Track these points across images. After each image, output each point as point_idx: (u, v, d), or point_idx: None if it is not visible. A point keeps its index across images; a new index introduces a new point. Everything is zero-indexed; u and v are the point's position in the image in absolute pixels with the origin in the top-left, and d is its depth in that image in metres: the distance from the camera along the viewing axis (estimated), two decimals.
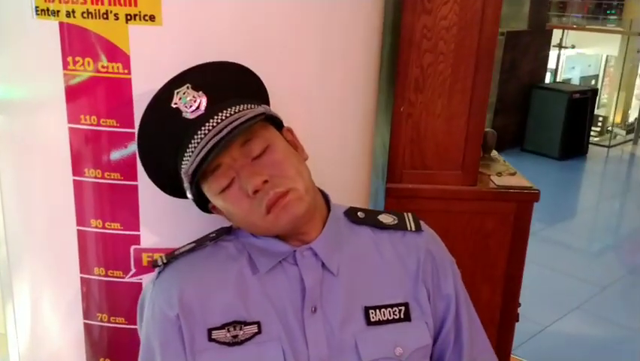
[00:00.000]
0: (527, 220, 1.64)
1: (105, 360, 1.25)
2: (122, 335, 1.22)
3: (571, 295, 3.26)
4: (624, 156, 6.62)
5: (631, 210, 5.07)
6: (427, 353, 0.97)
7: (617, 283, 3.49)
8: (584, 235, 4.41)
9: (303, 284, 0.93)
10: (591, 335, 2.89)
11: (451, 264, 1.03)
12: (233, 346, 0.89)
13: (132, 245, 1.17)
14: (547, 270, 3.57)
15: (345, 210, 1.03)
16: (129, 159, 1.10)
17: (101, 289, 1.21)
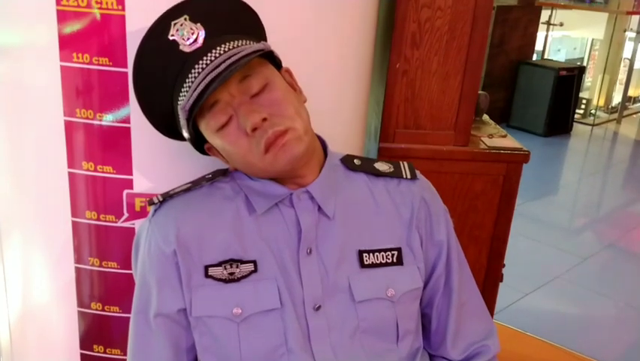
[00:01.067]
0: (516, 182, 1.66)
1: (97, 305, 1.25)
2: (114, 279, 1.22)
3: (552, 265, 3.32)
4: (607, 135, 6.69)
5: (612, 187, 5.15)
6: (417, 296, 0.98)
7: (597, 256, 3.55)
8: (565, 210, 4.47)
9: (299, 226, 0.93)
10: (571, 303, 2.95)
11: (444, 212, 1.04)
12: (230, 283, 0.89)
13: (125, 189, 1.16)
14: (528, 241, 3.63)
15: (342, 158, 1.03)
16: (122, 97, 1.09)
17: (92, 234, 1.21)
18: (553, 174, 5.29)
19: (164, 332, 0.91)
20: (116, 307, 1.24)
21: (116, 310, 1.24)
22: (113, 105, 1.11)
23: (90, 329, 1.28)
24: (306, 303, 0.91)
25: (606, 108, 7.02)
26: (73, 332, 1.29)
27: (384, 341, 0.94)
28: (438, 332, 1.02)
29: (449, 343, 1.00)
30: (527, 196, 4.43)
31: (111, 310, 1.24)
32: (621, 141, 6.57)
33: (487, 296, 1.80)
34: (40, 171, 1.21)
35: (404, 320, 0.96)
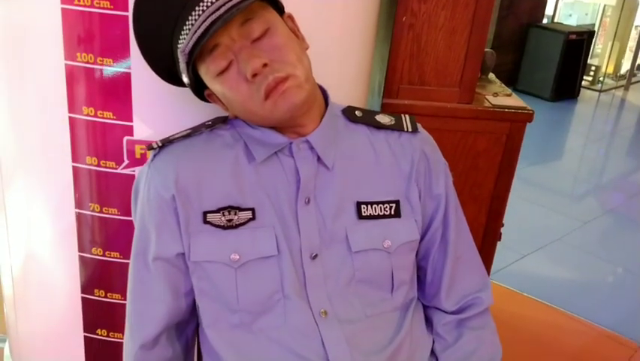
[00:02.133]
0: (519, 141, 1.65)
1: (97, 250, 1.26)
2: (115, 225, 1.23)
3: (551, 228, 3.33)
4: (615, 101, 6.62)
5: (617, 154, 5.12)
6: (413, 248, 0.99)
7: (597, 220, 3.56)
8: (569, 175, 4.46)
9: (298, 176, 0.93)
10: (569, 267, 2.97)
11: (444, 166, 1.04)
12: (228, 229, 0.90)
13: (125, 136, 1.16)
14: (529, 205, 3.64)
15: (343, 109, 1.02)
16: (122, 42, 1.08)
17: (92, 180, 1.21)
18: (559, 139, 5.27)
19: (163, 275, 0.92)
20: (116, 253, 1.25)
21: (117, 256, 1.26)
22: (114, 50, 1.10)
23: (91, 274, 1.30)
24: (303, 252, 0.92)
25: (615, 76, 6.93)
26: (75, 277, 1.31)
27: (379, 290, 0.96)
28: (433, 283, 1.03)
29: (443, 294, 1.01)
30: (531, 160, 4.42)
31: (112, 255, 1.26)
32: (628, 107, 6.51)
33: (485, 255, 1.82)
34: (41, 116, 1.20)
35: (399, 270, 0.97)
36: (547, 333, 2.33)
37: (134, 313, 0.95)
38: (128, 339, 0.97)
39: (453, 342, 1.00)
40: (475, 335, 1.00)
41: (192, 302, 0.96)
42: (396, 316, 0.97)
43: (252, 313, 0.91)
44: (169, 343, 0.97)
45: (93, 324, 1.34)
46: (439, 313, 1.03)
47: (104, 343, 1.35)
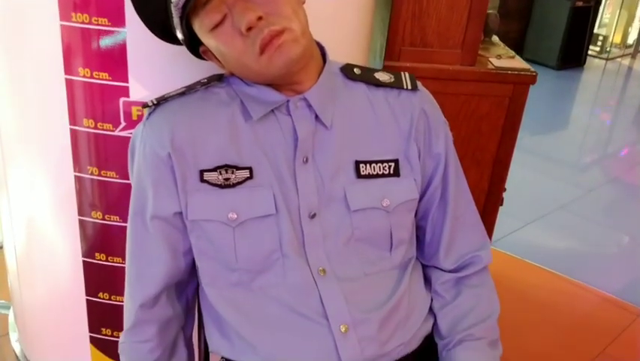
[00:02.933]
0: (522, 104, 1.62)
1: (97, 213, 1.26)
2: (113, 189, 1.23)
3: (555, 196, 3.32)
4: (621, 70, 6.55)
5: (622, 123, 5.08)
6: (412, 207, 0.98)
7: (602, 189, 3.54)
8: (574, 144, 4.43)
9: (295, 135, 0.92)
10: (573, 233, 2.96)
11: (444, 125, 1.02)
12: (225, 188, 0.89)
13: (121, 97, 1.15)
14: (533, 173, 3.62)
15: (342, 66, 1.00)
16: (117, 2, 1.06)
17: (90, 143, 1.20)
18: (564, 107, 5.22)
19: (161, 234, 0.91)
20: (116, 217, 1.25)
21: (116, 220, 1.25)
22: (109, 10, 1.08)
23: (91, 238, 1.30)
24: (301, 211, 0.91)
25: (622, 45, 6.83)
26: (75, 241, 1.31)
27: (377, 249, 0.95)
28: (432, 243, 1.02)
29: (442, 254, 1.01)
30: (536, 129, 4.39)
31: (111, 219, 1.26)
32: (635, 76, 6.43)
33: (487, 220, 1.81)
34: (37, 78, 1.19)
35: (398, 229, 0.96)
36: (549, 298, 2.34)
37: (133, 273, 0.95)
38: (128, 299, 0.97)
39: (451, 300, 1.00)
40: (474, 293, 1.00)
41: (191, 262, 0.95)
42: (395, 274, 0.97)
43: (250, 271, 0.91)
44: (169, 302, 0.97)
45: (95, 288, 1.35)
46: (437, 271, 1.02)
47: (106, 306, 1.36)
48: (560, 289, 2.42)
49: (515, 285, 2.38)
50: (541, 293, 2.36)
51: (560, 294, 2.38)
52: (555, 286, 2.44)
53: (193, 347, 1.07)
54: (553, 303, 2.31)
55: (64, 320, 1.45)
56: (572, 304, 2.33)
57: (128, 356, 1.00)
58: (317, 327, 0.89)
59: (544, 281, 2.46)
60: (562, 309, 2.28)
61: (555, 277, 2.49)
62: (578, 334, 2.14)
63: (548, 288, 2.41)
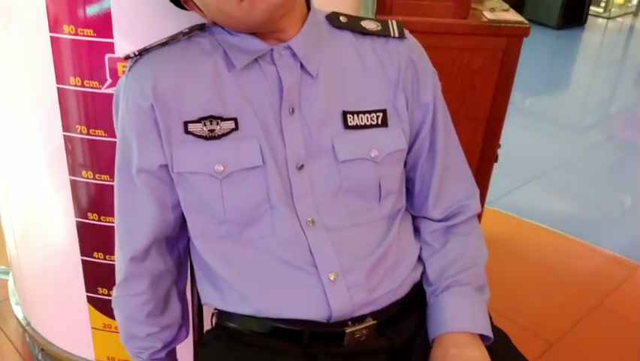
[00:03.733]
0: (516, 57, 1.60)
1: (88, 173, 1.26)
2: (102, 148, 1.23)
3: (555, 155, 3.30)
4: (623, 29, 6.45)
5: (624, 83, 5.03)
6: (401, 158, 0.98)
7: (602, 148, 3.53)
8: (575, 105, 4.39)
9: (281, 84, 0.91)
10: (572, 192, 2.96)
11: (432, 74, 1.01)
12: (210, 140, 0.88)
13: (107, 54, 1.14)
14: (533, 134, 3.60)
15: (327, 15, 0.99)
16: None
17: (78, 101, 1.20)
18: (565, 67, 5.16)
19: (148, 188, 0.91)
20: (106, 176, 1.25)
21: (107, 179, 1.25)
22: None
23: (83, 198, 1.30)
24: (289, 162, 0.91)
25: (624, 4, 6.72)
26: (68, 201, 1.32)
27: (366, 200, 0.95)
28: (421, 194, 1.02)
29: (431, 204, 1.01)
30: (536, 90, 4.36)
31: (102, 178, 1.26)
32: (637, 35, 6.34)
33: (482, 176, 1.81)
34: (23, 37, 1.18)
35: (387, 180, 0.96)
36: (546, 255, 2.35)
37: (122, 227, 0.95)
38: (119, 253, 0.97)
39: (439, 248, 1.00)
40: (462, 241, 1.00)
41: (181, 216, 0.95)
42: (384, 224, 0.97)
43: (239, 223, 0.91)
44: (160, 256, 0.98)
45: (89, 248, 1.36)
46: (426, 221, 1.02)
47: (101, 266, 1.37)
48: (558, 246, 2.43)
49: (512, 243, 2.39)
50: (537, 250, 2.37)
51: (557, 251, 2.39)
52: (552, 243, 2.45)
53: (187, 301, 1.08)
54: (550, 259, 2.32)
55: (61, 281, 1.47)
56: (569, 260, 2.34)
57: (121, 310, 1.01)
58: (306, 276, 0.89)
59: (542, 239, 2.47)
60: (559, 265, 2.29)
61: (552, 235, 2.50)
62: (575, 289, 2.16)
63: (545, 245, 2.42)
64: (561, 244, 2.43)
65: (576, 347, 1.86)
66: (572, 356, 1.83)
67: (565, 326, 1.95)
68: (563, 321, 1.97)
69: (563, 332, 1.92)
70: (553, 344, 1.86)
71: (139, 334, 1.01)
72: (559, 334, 1.90)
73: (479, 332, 0.92)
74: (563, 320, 1.97)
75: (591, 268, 2.30)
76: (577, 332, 1.93)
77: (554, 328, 1.93)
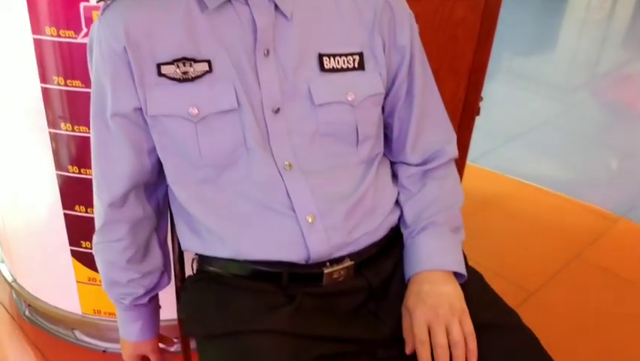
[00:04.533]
0: (497, 6, 1.59)
1: (66, 125, 1.26)
2: (80, 99, 1.22)
3: (540, 113, 3.32)
4: None
5: (613, 43, 5.02)
6: (378, 102, 0.98)
7: (589, 107, 3.54)
8: (562, 66, 4.39)
9: (254, 25, 0.90)
10: (555, 149, 2.98)
11: (409, 17, 1.00)
12: (184, 82, 0.88)
13: (82, 2, 1.12)
14: (519, 92, 3.61)
15: None
16: None
17: (55, 51, 1.18)
18: (553, 28, 5.14)
19: (122, 132, 0.91)
20: (85, 128, 1.25)
21: (85, 131, 1.25)
22: None
23: (63, 151, 1.30)
24: (264, 105, 0.91)
25: None
26: (48, 154, 1.31)
27: (343, 144, 0.95)
28: (399, 139, 1.03)
29: (409, 148, 1.01)
30: (523, 50, 4.35)
31: (81, 130, 1.25)
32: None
33: (464, 129, 1.82)
34: None
35: (364, 124, 0.96)
36: (526, 209, 2.39)
37: (99, 173, 0.96)
38: (97, 200, 0.98)
39: (417, 192, 1.01)
40: (438, 185, 1.01)
41: (157, 162, 0.95)
42: (361, 168, 0.97)
43: (216, 167, 0.91)
44: (138, 202, 0.98)
45: (71, 201, 1.36)
46: (404, 166, 1.03)
47: (83, 219, 1.37)
48: (539, 200, 2.46)
49: (495, 199, 2.42)
50: (519, 205, 2.41)
51: (538, 205, 2.43)
52: (534, 198, 2.48)
53: (168, 250, 1.09)
54: (531, 213, 2.36)
55: (45, 236, 1.47)
56: (550, 213, 2.38)
57: (102, 257, 1.02)
58: (284, 219, 0.90)
59: (523, 194, 2.50)
60: (540, 218, 2.33)
61: (535, 190, 2.53)
62: (555, 241, 2.20)
63: (527, 200, 2.46)
64: (543, 199, 2.47)
65: (555, 297, 1.91)
66: (551, 304, 1.87)
67: (544, 276, 1.99)
68: (543, 272, 2.01)
69: (542, 282, 1.96)
70: (532, 293, 1.90)
71: (120, 280, 1.02)
72: (538, 284, 1.95)
73: (453, 269, 0.94)
74: (543, 271, 2.01)
75: (571, 221, 2.33)
76: (556, 282, 1.98)
77: (534, 278, 1.97)
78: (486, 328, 0.89)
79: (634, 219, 2.33)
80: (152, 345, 1.10)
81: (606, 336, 1.77)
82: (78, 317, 1.55)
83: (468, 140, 1.83)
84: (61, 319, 1.59)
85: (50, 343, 1.64)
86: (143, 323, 1.08)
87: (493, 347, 0.89)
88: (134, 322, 1.07)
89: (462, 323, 0.88)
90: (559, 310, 1.85)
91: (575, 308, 1.88)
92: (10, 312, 1.75)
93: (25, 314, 1.72)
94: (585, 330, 1.78)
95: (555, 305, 1.87)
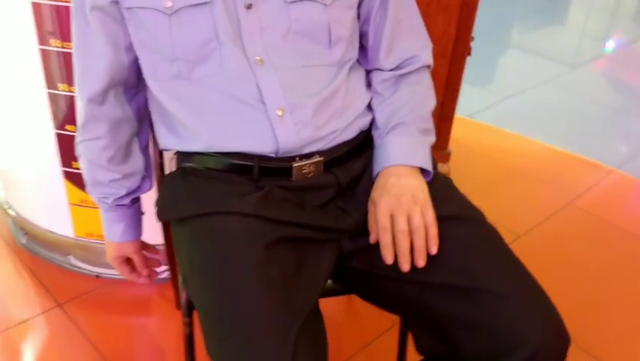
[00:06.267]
0: None
1: (56, 42, 1.29)
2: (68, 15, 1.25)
3: (543, 71, 3.29)
4: None
5: (624, 18, 4.95)
6: (351, 5, 0.99)
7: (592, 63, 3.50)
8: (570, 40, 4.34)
9: None
10: (558, 105, 2.97)
11: None
12: None
13: None
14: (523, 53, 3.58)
15: None
16: None
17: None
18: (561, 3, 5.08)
19: (101, 27, 0.93)
20: None
21: None
22: None
23: (53, 68, 1.33)
24: (237, 1, 0.93)
25: None
26: (38, 72, 1.35)
27: (316, 44, 0.97)
28: (374, 47, 1.04)
29: (382, 55, 1.03)
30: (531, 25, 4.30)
31: (70, 47, 1.28)
32: None
33: (455, 70, 1.83)
34: None
35: (337, 25, 0.98)
36: (520, 159, 2.40)
37: (79, 69, 0.99)
38: (78, 97, 1.01)
39: (389, 96, 1.02)
40: (411, 90, 1.03)
41: (135, 60, 0.98)
42: (333, 70, 0.99)
43: (188, 61, 0.94)
44: (118, 103, 1.02)
45: (62, 121, 1.40)
46: (378, 72, 1.05)
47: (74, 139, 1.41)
48: (533, 151, 2.47)
49: (490, 152, 2.43)
50: (512, 155, 2.42)
51: (532, 155, 2.44)
52: (528, 149, 2.49)
53: (150, 157, 1.13)
54: (524, 163, 2.37)
55: (37, 158, 1.51)
56: (544, 164, 2.39)
57: (85, 156, 1.06)
58: (254, 112, 0.93)
59: (518, 146, 2.51)
60: (533, 168, 2.34)
61: (529, 142, 2.54)
62: (547, 188, 2.21)
63: (520, 151, 2.47)
64: (537, 150, 2.48)
65: (544, 241, 1.93)
66: (539, 247, 1.89)
67: (534, 220, 2.01)
68: (533, 217, 2.02)
69: (531, 226, 1.98)
70: (520, 236, 1.92)
71: (102, 180, 1.06)
72: (527, 227, 1.96)
73: (419, 165, 0.96)
74: (533, 216, 2.03)
75: (564, 171, 2.34)
76: (545, 226, 1.99)
77: (523, 222, 1.99)
78: (448, 220, 0.92)
79: (627, 172, 2.34)
80: (134, 246, 1.15)
81: (592, 281, 1.79)
82: (72, 241, 1.59)
83: (459, 79, 1.84)
84: (55, 244, 1.64)
85: (46, 269, 1.70)
86: (126, 224, 1.12)
87: (454, 237, 0.91)
88: (117, 223, 1.11)
89: (424, 213, 0.90)
90: (546, 253, 1.86)
91: (563, 253, 1.89)
92: (8, 242, 1.81)
93: (22, 242, 1.77)
94: (572, 274, 1.80)
95: (543, 248, 1.89)
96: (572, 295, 1.69)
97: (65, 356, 1.47)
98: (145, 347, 1.53)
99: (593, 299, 1.71)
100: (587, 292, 1.73)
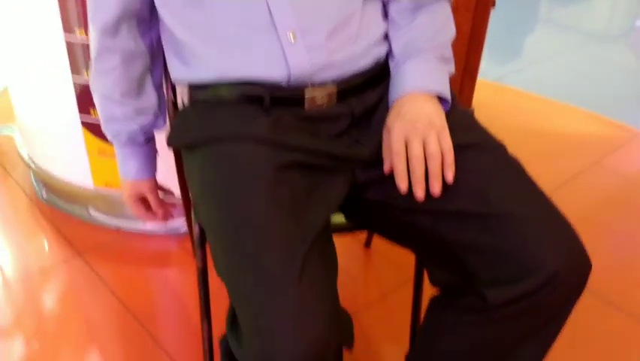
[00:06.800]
0: None
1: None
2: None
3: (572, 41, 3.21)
4: None
5: None
6: None
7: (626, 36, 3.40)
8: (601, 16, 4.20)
9: None
10: (587, 72, 2.89)
11: None
12: None
13: None
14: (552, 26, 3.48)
15: None
16: None
17: None
18: None
19: None
20: None
21: None
22: None
23: (72, 12, 1.33)
24: None
25: None
26: (56, 17, 1.35)
27: None
28: None
29: None
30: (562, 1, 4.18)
31: None
32: None
33: (479, 22, 1.78)
34: None
35: None
36: (548, 120, 2.34)
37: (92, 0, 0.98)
38: (91, 29, 1.00)
39: (406, 25, 0.99)
40: (429, 17, 0.99)
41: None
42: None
43: None
44: (130, 36, 1.00)
45: (79, 66, 1.40)
46: (396, 2, 1.02)
47: None
48: (561, 112, 2.42)
49: (513, 113, 2.38)
50: (539, 117, 2.36)
51: (560, 117, 2.39)
52: (556, 111, 2.43)
53: (163, 96, 1.12)
54: (552, 125, 2.32)
55: (55, 109, 1.52)
56: (572, 125, 2.34)
57: (98, 92, 1.05)
58: (265, 36, 0.91)
59: (546, 108, 2.45)
60: (560, 130, 2.29)
61: (555, 104, 2.47)
62: (575, 148, 2.17)
63: (548, 113, 2.41)
64: (565, 112, 2.42)
65: (569, 199, 1.88)
66: (563, 205, 1.83)
67: (562, 178, 1.96)
68: (558, 176, 1.98)
69: (559, 184, 1.93)
70: (548, 192, 1.87)
71: (116, 114, 1.05)
72: (555, 185, 1.92)
73: (436, 89, 0.93)
74: (558, 175, 1.98)
75: (592, 132, 2.29)
76: (571, 185, 1.95)
77: (548, 181, 1.93)
78: (466, 148, 0.89)
79: None
80: (149, 185, 1.14)
81: (616, 241, 1.74)
82: (91, 191, 1.61)
83: (484, 31, 1.79)
84: (75, 195, 1.65)
85: (67, 221, 1.72)
86: (140, 162, 1.12)
87: (472, 165, 0.88)
88: (132, 159, 1.11)
89: (440, 138, 0.87)
90: (571, 212, 1.81)
91: (590, 209, 1.85)
92: (30, 196, 1.83)
93: (43, 197, 1.79)
94: (598, 229, 1.75)
95: (570, 205, 1.83)
96: (597, 253, 1.64)
97: (86, 302, 1.49)
98: (165, 296, 1.54)
99: (619, 258, 1.66)
100: (612, 252, 1.69)
